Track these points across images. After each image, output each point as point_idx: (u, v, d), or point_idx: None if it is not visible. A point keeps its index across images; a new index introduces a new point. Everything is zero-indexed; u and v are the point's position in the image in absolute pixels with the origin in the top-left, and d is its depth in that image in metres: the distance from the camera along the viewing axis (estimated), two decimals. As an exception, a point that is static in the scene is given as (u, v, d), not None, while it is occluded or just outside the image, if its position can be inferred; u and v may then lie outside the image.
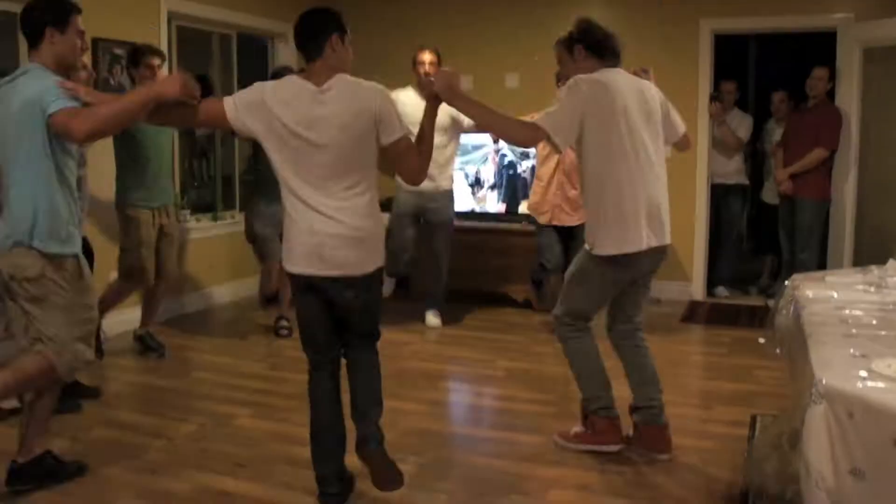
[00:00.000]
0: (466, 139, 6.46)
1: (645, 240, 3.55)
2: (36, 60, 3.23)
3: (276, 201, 3.44)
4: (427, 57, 5.86)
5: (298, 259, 3.10)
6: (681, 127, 3.87)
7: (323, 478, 3.25)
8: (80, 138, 3.15)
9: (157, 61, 5.03)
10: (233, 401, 4.54)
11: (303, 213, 3.05)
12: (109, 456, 3.74)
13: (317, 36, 3.05)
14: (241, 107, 3.06)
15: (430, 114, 3.21)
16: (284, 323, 5.87)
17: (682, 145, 3.97)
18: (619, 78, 3.58)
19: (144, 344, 5.38)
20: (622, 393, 3.84)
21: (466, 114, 3.59)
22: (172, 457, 3.79)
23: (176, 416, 4.32)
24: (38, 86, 3.11)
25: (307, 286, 3.14)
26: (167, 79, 3.31)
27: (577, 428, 3.90)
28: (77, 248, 3.36)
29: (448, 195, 6.15)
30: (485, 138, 6.78)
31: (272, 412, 4.36)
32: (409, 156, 3.14)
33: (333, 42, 3.05)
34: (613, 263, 3.58)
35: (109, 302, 5.09)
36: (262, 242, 5.79)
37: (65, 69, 3.29)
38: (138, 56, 5.04)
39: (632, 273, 3.66)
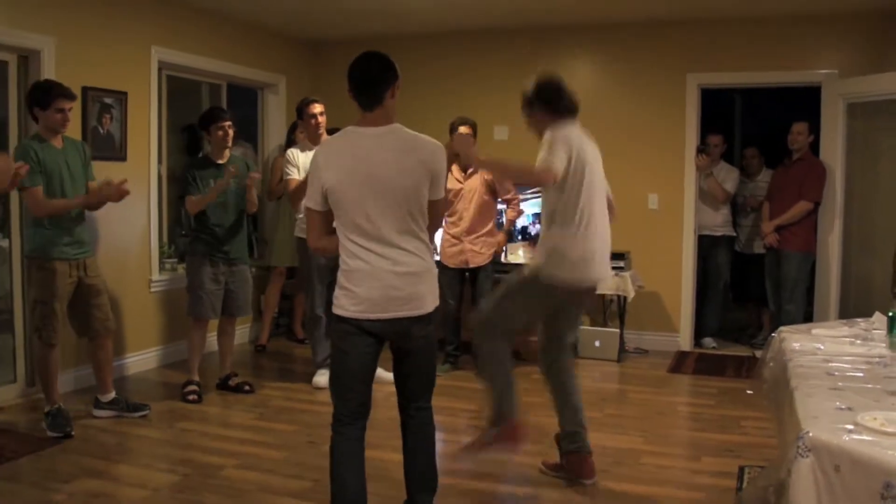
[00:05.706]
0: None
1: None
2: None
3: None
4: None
5: (361, 303, 3.00)
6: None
7: None
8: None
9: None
10: (219, 451, 4.49)
11: (366, 256, 2.99)
12: (92, 507, 3.70)
13: (381, 83, 3.00)
14: (322, 197, 3.03)
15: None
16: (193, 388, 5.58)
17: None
18: (575, 131, 3.81)
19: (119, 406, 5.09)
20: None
21: (491, 171, 3.59)
22: (156, 508, 3.74)
23: (160, 468, 4.28)
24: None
25: (360, 331, 3.04)
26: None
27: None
28: None
29: None
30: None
31: (260, 463, 4.32)
32: (441, 217, 3.30)
33: (395, 89, 3.04)
34: (558, 290, 3.77)
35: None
36: None
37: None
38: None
39: (567, 301, 3.89)
